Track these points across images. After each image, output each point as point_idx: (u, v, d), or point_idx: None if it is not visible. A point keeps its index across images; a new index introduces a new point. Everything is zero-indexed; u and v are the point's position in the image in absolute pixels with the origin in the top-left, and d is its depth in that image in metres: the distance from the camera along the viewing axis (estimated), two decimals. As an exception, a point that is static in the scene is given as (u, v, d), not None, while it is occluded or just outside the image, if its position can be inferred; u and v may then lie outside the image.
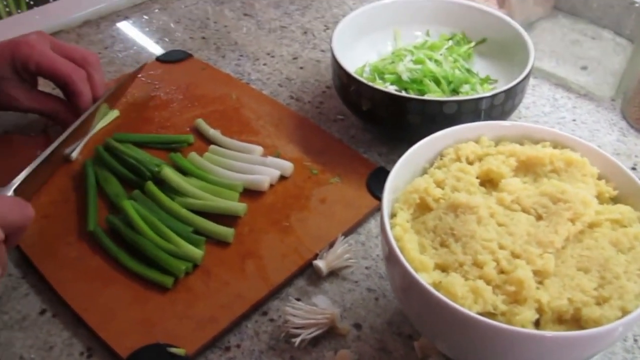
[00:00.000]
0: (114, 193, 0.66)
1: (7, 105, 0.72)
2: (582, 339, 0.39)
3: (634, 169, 0.72)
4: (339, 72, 0.70)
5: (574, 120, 0.78)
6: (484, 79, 0.77)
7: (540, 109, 0.80)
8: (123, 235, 0.61)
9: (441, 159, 0.53)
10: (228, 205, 0.63)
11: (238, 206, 0.63)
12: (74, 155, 0.72)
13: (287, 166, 0.69)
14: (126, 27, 1.00)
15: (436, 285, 0.42)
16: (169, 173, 0.65)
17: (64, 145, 0.69)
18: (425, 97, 0.68)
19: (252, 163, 0.69)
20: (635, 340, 0.54)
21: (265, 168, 0.68)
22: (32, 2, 1.36)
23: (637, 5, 0.73)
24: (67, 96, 0.72)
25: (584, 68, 0.86)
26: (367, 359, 0.53)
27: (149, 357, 0.53)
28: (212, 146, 0.72)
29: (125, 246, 0.61)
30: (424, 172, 0.53)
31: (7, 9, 1.30)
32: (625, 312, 0.39)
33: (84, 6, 1.02)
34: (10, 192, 0.58)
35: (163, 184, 0.65)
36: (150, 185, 0.64)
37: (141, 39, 0.97)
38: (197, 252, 0.59)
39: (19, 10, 1.31)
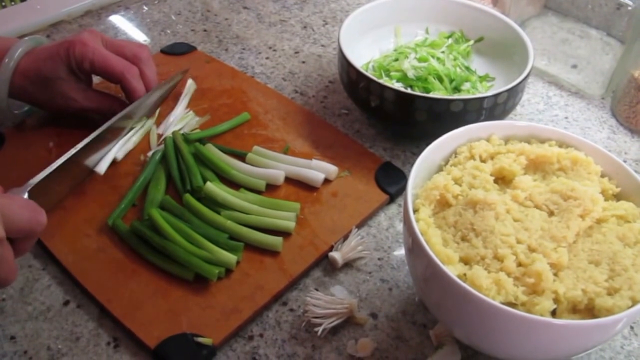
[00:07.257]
0: (151, 198, 0.66)
1: (64, 106, 0.72)
2: (596, 325, 0.42)
3: (623, 164, 0.76)
4: (349, 69, 0.72)
5: (567, 117, 0.82)
6: (483, 76, 0.80)
7: (535, 106, 0.84)
8: (150, 241, 0.61)
9: (456, 156, 0.56)
10: (277, 222, 0.64)
11: (289, 224, 0.64)
12: (101, 170, 0.68)
13: (332, 170, 0.70)
14: (128, 18, 1.00)
15: (461, 277, 0.45)
16: (213, 188, 0.65)
17: (88, 152, 0.66)
18: (433, 95, 0.71)
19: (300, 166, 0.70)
20: (632, 327, 0.58)
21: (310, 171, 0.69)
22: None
23: (629, 8, 0.76)
24: (124, 92, 0.71)
25: (574, 67, 0.89)
26: (385, 347, 0.56)
27: (176, 346, 0.54)
28: (255, 147, 0.72)
29: (145, 241, 0.62)
30: (440, 169, 0.56)
31: (3, 4, 1.28)
32: (635, 302, 0.43)
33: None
34: (24, 195, 0.54)
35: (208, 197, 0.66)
36: (189, 198, 0.65)
37: (144, 30, 0.97)
38: (231, 257, 0.59)
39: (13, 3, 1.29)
